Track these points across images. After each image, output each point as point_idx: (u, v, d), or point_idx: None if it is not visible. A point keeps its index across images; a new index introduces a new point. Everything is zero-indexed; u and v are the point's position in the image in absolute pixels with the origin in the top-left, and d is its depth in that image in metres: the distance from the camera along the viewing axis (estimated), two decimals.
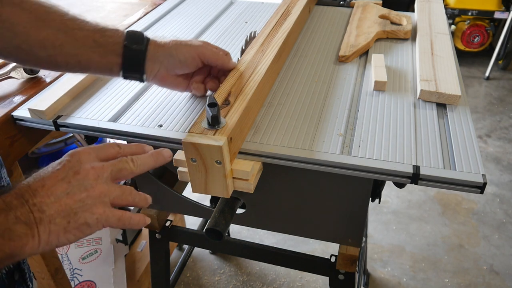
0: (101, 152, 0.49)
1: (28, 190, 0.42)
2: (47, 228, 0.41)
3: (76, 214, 0.43)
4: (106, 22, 0.68)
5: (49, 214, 0.41)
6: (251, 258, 1.03)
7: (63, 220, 0.42)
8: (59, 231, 0.42)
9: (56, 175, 0.44)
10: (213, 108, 0.59)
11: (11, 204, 0.40)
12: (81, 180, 0.44)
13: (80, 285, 1.35)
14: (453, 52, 0.90)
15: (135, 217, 0.50)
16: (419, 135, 0.68)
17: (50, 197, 0.42)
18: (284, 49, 0.87)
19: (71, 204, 0.43)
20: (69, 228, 0.43)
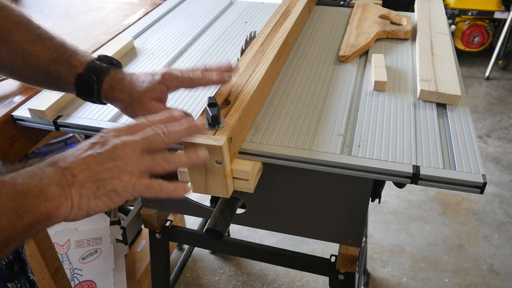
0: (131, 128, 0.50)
1: (61, 158, 0.45)
2: (79, 191, 0.44)
3: (105, 180, 0.45)
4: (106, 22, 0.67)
5: (80, 178, 0.44)
6: (251, 258, 1.03)
7: (93, 185, 0.45)
8: (89, 195, 0.45)
9: (87, 147, 0.47)
10: (213, 108, 0.59)
11: (44, 170, 0.43)
12: (110, 152, 0.46)
13: (80, 285, 1.35)
14: (453, 52, 0.90)
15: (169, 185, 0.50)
16: (419, 135, 0.68)
17: (81, 164, 0.45)
18: (284, 49, 0.87)
19: (100, 171, 0.45)
20: (99, 194, 0.45)
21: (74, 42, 0.68)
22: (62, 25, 1.13)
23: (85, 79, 0.63)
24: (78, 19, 1.18)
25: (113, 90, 0.64)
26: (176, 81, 0.63)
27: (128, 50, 0.96)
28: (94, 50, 0.97)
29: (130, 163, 0.47)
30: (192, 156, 0.53)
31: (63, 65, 0.64)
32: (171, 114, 0.54)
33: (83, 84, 0.63)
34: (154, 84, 0.62)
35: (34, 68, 0.64)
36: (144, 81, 0.63)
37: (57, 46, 0.65)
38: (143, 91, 0.62)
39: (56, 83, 0.65)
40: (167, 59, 0.93)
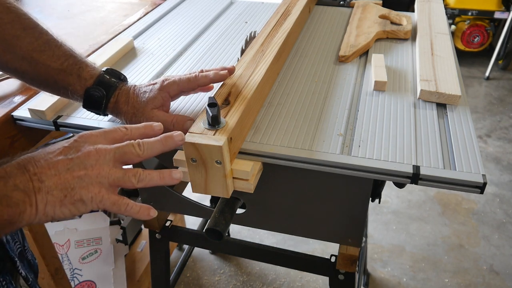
0: (108, 135, 0.50)
1: (31, 160, 0.44)
2: (45, 198, 0.43)
3: (73, 189, 0.44)
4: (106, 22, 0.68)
5: (48, 185, 0.43)
6: (251, 258, 1.03)
7: (60, 193, 0.44)
8: (56, 203, 0.44)
9: (60, 151, 0.46)
10: (213, 108, 0.59)
11: (11, 173, 0.42)
12: (82, 159, 0.45)
13: (80, 285, 1.35)
14: (453, 52, 0.90)
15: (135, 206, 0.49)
16: (419, 135, 0.68)
17: (51, 170, 0.44)
18: (284, 49, 0.87)
19: (69, 179, 0.44)
20: (65, 202, 0.44)
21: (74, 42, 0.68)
22: (62, 25, 1.13)
23: (95, 93, 0.64)
24: (78, 19, 1.18)
25: (118, 103, 0.65)
26: (175, 85, 0.64)
27: (128, 50, 0.96)
28: (94, 50, 0.97)
29: (101, 173, 0.46)
30: (165, 177, 0.51)
31: (73, 76, 0.64)
32: (150, 125, 0.53)
33: (91, 97, 0.64)
34: (155, 92, 0.63)
35: (41, 75, 0.64)
36: (145, 91, 0.64)
37: (66, 56, 0.65)
38: (145, 101, 0.63)
39: (64, 92, 0.66)
40: (167, 59, 0.93)
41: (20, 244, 0.65)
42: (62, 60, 0.64)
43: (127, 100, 0.64)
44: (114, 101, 0.65)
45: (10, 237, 0.62)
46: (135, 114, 0.64)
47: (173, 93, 0.65)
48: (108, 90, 0.65)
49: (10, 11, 0.63)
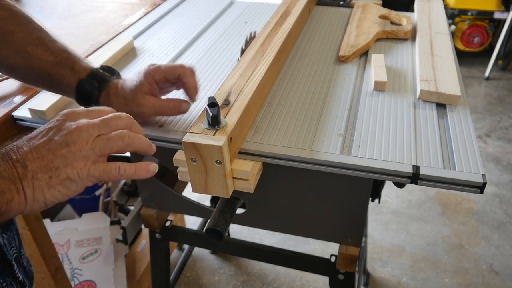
0: (92, 113, 0.48)
1: (13, 148, 0.43)
2: (31, 183, 0.42)
3: (58, 169, 0.43)
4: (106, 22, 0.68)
5: (32, 169, 0.42)
6: (251, 258, 1.03)
7: (45, 175, 0.43)
8: (43, 186, 0.43)
9: (42, 134, 0.45)
10: (213, 108, 0.60)
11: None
12: (63, 137, 0.44)
13: (80, 285, 1.35)
14: (453, 52, 0.90)
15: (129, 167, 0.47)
16: (419, 135, 0.68)
17: (32, 153, 0.43)
18: (284, 49, 0.87)
19: (52, 159, 0.43)
20: (52, 183, 0.43)
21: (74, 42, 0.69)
22: (62, 25, 1.13)
23: (87, 85, 0.64)
24: (78, 19, 1.18)
25: (109, 95, 0.65)
26: (159, 70, 0.64)
27: (128, 50, 0.96)
28: (94, 50, 0.97)
29: (84, 147, 0.45)
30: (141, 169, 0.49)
31: (67, 69, 0.65)
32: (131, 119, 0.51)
33: (84, 90, 0.65)
34: (141, 78, 0.64)
35: (34, 69, 0.65)
36: (132, 79, 0.65)
37: (60, 50, 0.66)
38: (134, 89, 0.63)
39: (57, 85, 0.66)
40: (167, 59, 0.93)
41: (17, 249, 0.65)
42: (56, 54, 0.65)
43: (117, 91, 0.65)
44: (105, 93, 0.65)
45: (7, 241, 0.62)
46: (126, 104, 0.64)
47: (157, 77, 0.64)
48: (101, 83, 0.65)
49: (4, 8, 0.64)
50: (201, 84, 0.83)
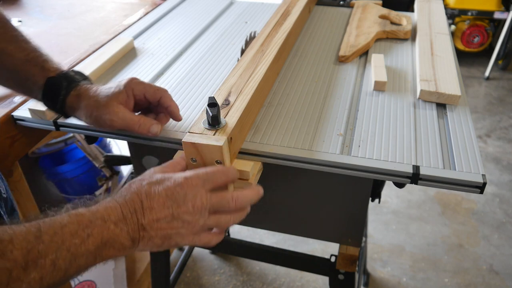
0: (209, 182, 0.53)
1: (140, 208, 0.49)
2: (146, 243, 0.50)
3: (171, 238, 0.51)
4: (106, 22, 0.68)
5: (151, 234, 0.49)
6: (251, 258, 1.03)
7: (160, 241, 0.51)
8: (154, 246, 0.51)
9: (163, 201, 0.50)
10: (213, 108, 0.60)
11: (127, 219, 0.48)
12: (181, 214, 0.51)
13: (80, 285, 1.35)
14: (453, 52, 0.90)
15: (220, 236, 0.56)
16: (419, 135, 0.68)
17: (154, 222, 0.49)
18: (284, 49, 0.87)
19: (168, 230, 0.50)
20: (162, 245, 0.51)
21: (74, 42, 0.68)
22: (63, 25, 1.13)
23: (55, 83, 0.64)
24: (78, 19, 1.18)
25: (79, 97, 0.64)
26: (141, 86, 0.63)
27: (128, 50, 0.96)
28: (94, 50, 0.97)
29: (196, 227, 0.52)
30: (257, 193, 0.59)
31: (37, 67, 0.64)
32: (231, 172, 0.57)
33: (51, 88, 0.64)
34: (120, 88, 0.62)
35: (4, 66, 0.65)
36: (111, 87, 0.63)
37: (32, 49, 0.66)
38: (110, 96, 0.62)
39: (24, 83, 0.65)
40: (167, 59, 0.93)
41: None
42: (28, 52, 0.65)
43: (89, 94, 0.63)
44: (75, 94, 0.64)
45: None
46: (97, 108, 0.62)
47: (137, 92, 0.63)
48: (70, 83, 0.64)
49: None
50: (201, 84, 0.84)
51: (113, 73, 0.87)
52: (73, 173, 1.60)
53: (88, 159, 1.46)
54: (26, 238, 0.40)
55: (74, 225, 0.44)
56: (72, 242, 0.43)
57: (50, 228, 0.42)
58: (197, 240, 0.53)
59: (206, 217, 0.53)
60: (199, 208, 0.52)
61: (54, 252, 0.41)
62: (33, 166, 1.62)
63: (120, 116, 0.61)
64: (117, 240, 0.47)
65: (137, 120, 0.62)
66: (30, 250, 0.40)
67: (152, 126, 0.63)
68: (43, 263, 0.40)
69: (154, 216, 0.49)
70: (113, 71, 0.88)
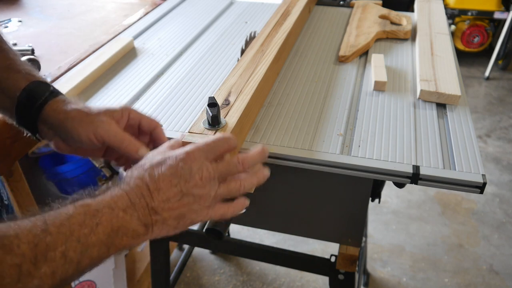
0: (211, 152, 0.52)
1: (147, 192, 0.47)
2: (160, 227, 0.48)
3: (184, 216, 0.49)
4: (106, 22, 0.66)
5: (163, 217, 0.48)
6: (251, 258, 1.03)
7: (174, 221, 0.49)
8: (169, 229, 0.49)
9: (170, 179, 0.48)
10: (213, 108, 0.60)
11: (135, 205, 0.46)
12: (190, 189, 0.49)
13: (80, 285, 1.35)
14: (453, 52, 0.90)
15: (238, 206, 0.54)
16: (419, 135, 0.68)
17: (164, 202, 0.48)
18: (284, 49, 0.87)
19: (181, 209, 0.49)
20: (178, 226, 0.50)
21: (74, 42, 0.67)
22: (63, 25, 1.13)
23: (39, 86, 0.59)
24: (79, 19, 1.18)
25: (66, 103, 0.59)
26: (137, 113, 0.60)
27: (128, 50, 0.96)
28: (94, 50, 0.97)
29: (208, 199, 0.50)
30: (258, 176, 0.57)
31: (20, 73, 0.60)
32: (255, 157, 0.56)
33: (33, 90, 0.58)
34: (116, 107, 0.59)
35: None
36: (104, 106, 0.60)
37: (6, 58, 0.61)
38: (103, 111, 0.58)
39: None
40: (167, 59, 0.93)
41: None
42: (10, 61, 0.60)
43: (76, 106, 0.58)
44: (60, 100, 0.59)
45: None
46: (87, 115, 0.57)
47: (133, 115, 0.60)
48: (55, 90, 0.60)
49: None
50: (201, 84, 0.84)
51: (113, 73, 0.87)
52: (73, 173, 1.60)
53: (88, 159, 1.46)
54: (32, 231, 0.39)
55: (81, 215, 0.43)
56: (81, 232, 0.42)
57: (56, 220, 0.41)
58: (212, 213, 0.51)
59: (216, 187, 0.51)
60: (208, 179, 0.50)
61: (63, 244, 0.40)
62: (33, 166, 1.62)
63: (112, 132, 0.57)
64: (129, 227, 0.45)
65: (127, 139, 0.58)
66: (38, 243, 0.39)
67: (142, 147, 0.59)
68: (53, 256, 0.39)
69: (163, 196, 0.48)
70: (113, 71, 0.88)
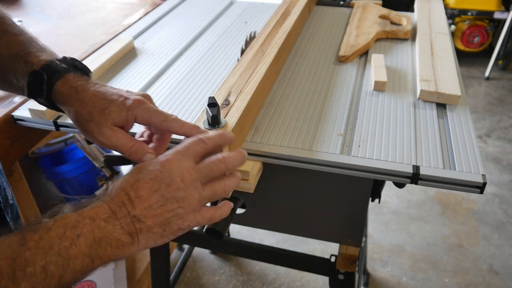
0: (188, 154, 0.50)
1: (128, 200, 0.45)
2: (146, 236, 0.46)
3: (170, 222, 0.47)
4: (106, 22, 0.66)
5: (147, 225, 0.46)
6: (251, 258, 1.03)
7: (160, 229, 0.46)
8: (156, 237, 0.47)
9: (150, 186, 0.46)
10: (213, 108, 0.60)
11: (116, 214, 0.44)
12: (172, 193, 0.47)
13: (80, 285, 1.35)
14: (453, 52, 0.90)
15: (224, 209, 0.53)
16: (419, 135, 0.68)
17: (147, 209, 0.46)
18: (284, 49, 0.87)
19: (165, 214, 0.46)
20: (165, 234, 0.47)
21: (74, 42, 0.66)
22: (63, 25, 1.13)
23: (36, 78, 0.56)
24: (79, 19, 1.18)
25: (69, 98, 0.56)
26: (147, 114, 0.55)
27: (128, 50, 0.96)
28: (94, 50, 0.97)
29: (193, 202, 0.48)
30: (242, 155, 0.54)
31: (20, 62, 0.58)
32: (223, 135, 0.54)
33: (33, 84, 0.57)
34: (122, 108, 0.55)
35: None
36: (112, 100, 0.55)
37: (20, 43, 0.59)
38: (107, 114, 0.54)
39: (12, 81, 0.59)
40: (167, 59, 0.93)
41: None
42: (13, 46, 0.59)
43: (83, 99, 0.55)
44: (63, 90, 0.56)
45: None
46: (88, 122, 0.55)
47: (140, 119, 0.56)
48: (52, 76, 0.56)
49: None
50: (201, 84, 0.84)
51: (113, 73, 0.87)
52: (73, 173, 1.60)
53: (88, 159, 1.46)
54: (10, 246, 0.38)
55: (60, 228, 0.41)
56: (62, 245, 0.40)
57: (35, 234, 0.40)
58: (199, 217, 0.49)
59: (200, 189, 0.49)
60: (190, 181, 0.48)
61: (43, 258, 0.39)
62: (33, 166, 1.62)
63: (113, 140, 0.55)
64: (112, 237, 0.43)
65: (130, 146, 0.55)
66: (16, 258, 0.38)
67: (146, 155, 0.56)
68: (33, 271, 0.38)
69: (144, 204, 0.46)
70: (113, 71, 0.88)
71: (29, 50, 0.59)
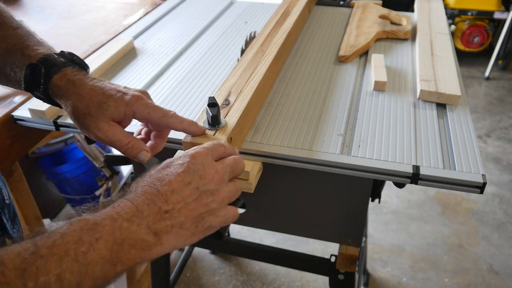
0: (214, 152, 0.49)
1: (158, 195, 0.42)
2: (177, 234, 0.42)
3: (203, 218, 0.44)
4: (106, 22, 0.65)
5: (180, 221, 0.42)
6: (251, 258, 1.03)
7: (192, 225, 0.43)
8: (187, 235, 0.43)
9: (182, 178, 0.44)
10: (213, 108, 0.60)
11: (143, 211, 0.41)
12: (207, 185, 0.45)
13: None
14: (453, 52, 0.90)
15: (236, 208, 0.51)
16: (419, 135, 0.68)
17: (180, 203, 0.43)
18: (284, 49, 0.87)
19: (199, 209, 0.44)
20: (196, 231, 0.44)
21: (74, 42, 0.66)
22: (63, 25, 1.13)
23: (33, 71, 0.55)
24: (79, 19, 1.18)
25: (67, 91, 0.55)
26: (146, 110, 0.55)
27: (128, 50, 0.96)
28: (94, 50, 0.97)
29: (225, 196, 0.47)
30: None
31: (17, 55, 0.57)
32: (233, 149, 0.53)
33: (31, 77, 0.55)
34: (120, 103, 0.54)
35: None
36: (110, 95, 0.54)
37: (18, 36, 0.58)
38: (105, 109, 0.54)
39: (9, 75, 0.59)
40: (167, 59, 0.93)
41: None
42: (11, 40, 0.58)
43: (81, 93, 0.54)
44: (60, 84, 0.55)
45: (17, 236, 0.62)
46: (85, 116, 0.54)
47: (139, 115, 0.55)
48: (50, 69, 0.55)
49: None
50: (201, 84, 0.84)
51: (113, 73, 0.87)
52: (73, 173, 1.60)
53: (88, 159, 1.46)
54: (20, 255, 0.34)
55: (76, 232, 0.37)
56: (78, 250, 0.36)
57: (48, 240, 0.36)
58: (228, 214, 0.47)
59: (229, 184, 0.48)
60: (222, 174, 0.46)
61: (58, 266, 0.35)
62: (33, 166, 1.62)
63: (110, 135, 0.54)
64: (136, 238, 0.39)
65: (126, 142, 0.55)
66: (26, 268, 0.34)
67: (141, 152, 0.55)
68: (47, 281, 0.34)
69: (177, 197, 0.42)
70: (113, 71, 0.88)
71: (26, 43, 0.58)
